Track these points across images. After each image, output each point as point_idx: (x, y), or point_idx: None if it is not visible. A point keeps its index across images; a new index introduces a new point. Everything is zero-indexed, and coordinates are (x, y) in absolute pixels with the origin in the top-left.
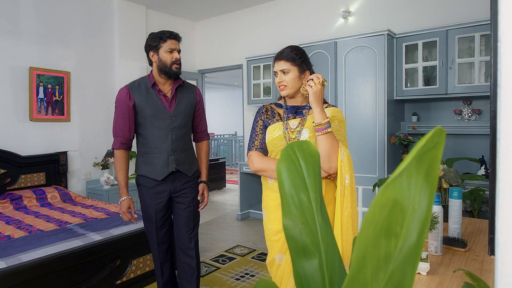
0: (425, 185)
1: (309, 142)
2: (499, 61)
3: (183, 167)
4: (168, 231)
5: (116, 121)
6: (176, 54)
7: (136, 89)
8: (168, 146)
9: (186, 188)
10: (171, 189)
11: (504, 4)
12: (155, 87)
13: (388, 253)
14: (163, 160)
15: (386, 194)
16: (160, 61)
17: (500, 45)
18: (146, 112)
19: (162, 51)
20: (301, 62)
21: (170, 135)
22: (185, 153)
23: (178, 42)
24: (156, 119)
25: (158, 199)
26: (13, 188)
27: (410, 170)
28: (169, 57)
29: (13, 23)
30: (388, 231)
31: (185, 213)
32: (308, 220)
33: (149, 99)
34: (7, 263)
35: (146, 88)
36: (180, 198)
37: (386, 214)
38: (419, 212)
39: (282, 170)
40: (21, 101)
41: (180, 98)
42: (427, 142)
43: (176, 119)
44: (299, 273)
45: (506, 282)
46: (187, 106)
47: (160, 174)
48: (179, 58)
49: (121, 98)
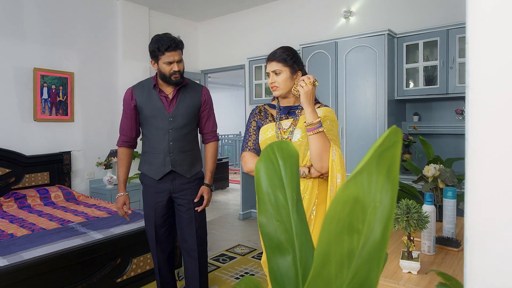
0: (387, 184)
1: (289, 142)
2: (467, 62)
3: (180, 168)
4: (168, 231)
5: (121, 120)
6: (175, 66)
7: (139, 90)
8: (165, 147)
9: (186, 189)
10: (170, 189)
11: (471, 8)
12: (156, 88)
13: (351, 249)
14: (160, 160)
15: (347, 191)
16: (159, 71)
17: (468, 47)
18: (146, 112)
19: (161, 63)
20: (293, 63)
21: (168, 135)
22: (185, 154)
23: (180, 50)
24: (155, 119)
25: (158, 198)
26: (18, 187)
27: (370, 168)
28: (167, 68)
29: (18, 25)
30: (351, 228)
31: (186, 215)
32: (284, 217)
33: (150, 100)
34: (9, 260)
35: (148, 89)
36: (180, 200)
37: (347, 211)
38: (381, 210)
39: (260, 169)
40: (26, 102)
41: (181, 98)
42: (384, 141)
43: (175, 120)
44: (273, 269)
45: (475, 280)
46: (188, 107)
47: (157, 174)
48: (179, 70)
49: (125, 98)
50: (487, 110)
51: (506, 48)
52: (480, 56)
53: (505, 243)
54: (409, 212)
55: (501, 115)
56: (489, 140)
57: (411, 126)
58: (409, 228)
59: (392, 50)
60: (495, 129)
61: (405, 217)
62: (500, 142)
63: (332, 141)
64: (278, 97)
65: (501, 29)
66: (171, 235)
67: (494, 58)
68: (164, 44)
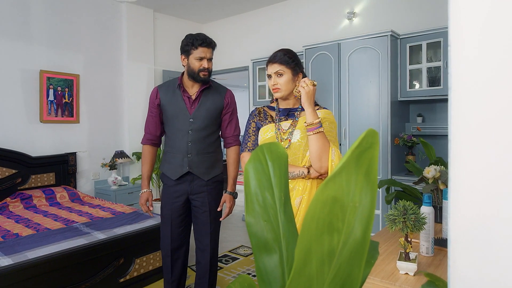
0: (366, 184)
1: (279, 144)
2: (449, 64)
3: (198, 170)
4: (184, 231)
5: (147, 118)
6: (205, 63)
7: (165, 89)
8: (184, 147)
9: (203, 192)
10: (188, 190)
11: (452, 10)
12: (181, 88)
13: (331, 248)
14: (178, 160)
15: (326, 191)
16: (189, 66)
17: (450, 49)
18: (168, 111)
19: (192, 58)
20: (295, 65)
21: (187, 136)
22: (203, 156)
23: (212, 49)
24: (176, 119)
25: (175, 198)
26: (24, 188)
27: (349, 169)
28: (197, 64)
29: (24, 27)
30: (330, 227)
31: (202, 217)
32: (271, 217)
33: (173, 100)
34: (13, 260)
35: (173, 89)
36: (196, 202)
37: (327, 210)
38: (361, 209)
39: (249, 170)
40: (32, 103)
41: (203, 100)
42: (362, 142)
43: (195, 121)
44: (260, 268)
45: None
46: (210, 109)
47: (174, 174)
48: (208, 68)
49: (151, 96)
50: (469, 111)
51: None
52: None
53: (487, 242)
54: (406, 214)
55: (483, 116)
56: (471, 142)
57: (415, 127)
58: (406, 230)
59: (395, 51)
60: (477, 131)
61: (402, 218)
62: (482, 144)
63: (331, 142)
64: (278, 99)
65: (483, 31)
66: (186, 235)
67: (477, 60)
68: (199, 39)
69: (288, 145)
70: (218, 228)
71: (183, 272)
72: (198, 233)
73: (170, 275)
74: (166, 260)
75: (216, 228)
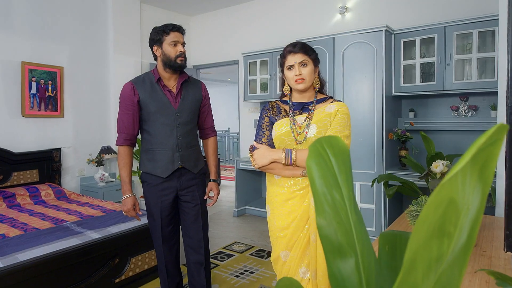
0: (478, 184)
1: (338, 137)
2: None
3: (189, 164)
4: (174, 228)
5: (120, 117)
6: (180, 47)
7: (141, 84)
8: (173, 143)
9: (192, 185)
10: (177, 186)
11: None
12: (159, 83)
13: (440, 253)
14: (168, 157)
15: (442, 193)
16: (164, 54)
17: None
18: (150, 108)
19: (166, 45)
20: (315, 57)
21: (176, 131)
22: (191, 149)
23: (182, 35)
24: (161, 115)
25: (163, 196)
26: (6, 185)
27: (466, 167)
28: (173, 50)
29: (5, 17)
30: (441, 231)
31: (193, 212)
32: (342, 218)
33: (154, 95)
34: (3, 262)
35: (150, 84)
36: (186, 197)
37: (440, 213)
38: (471, 212)
39: (312, 167)
40: (13, 97)
41: (185, 93)
42: (488, 139)
43: (181, 115)
44: (334, 274)
45: None
46: (192, 102)
47: (164, 171)
48: (184, 52)
49: (125, 93)
50: None
51: None
52: None
53: None
54: None
55: None
56: None
57: (407, 122)
58: None
59: (390, 46)
60: None
61: None
62: None
63: (336, 132)
64: (292, 92)
65: None
66: (176, 232)
67: None
68: (169, 25)
69: (305, 138)
70: (207, 221)
71: (178, 271)
72: (188, 229)
73: (166, 276)
74: (161, 260)
75: (206, 221)
